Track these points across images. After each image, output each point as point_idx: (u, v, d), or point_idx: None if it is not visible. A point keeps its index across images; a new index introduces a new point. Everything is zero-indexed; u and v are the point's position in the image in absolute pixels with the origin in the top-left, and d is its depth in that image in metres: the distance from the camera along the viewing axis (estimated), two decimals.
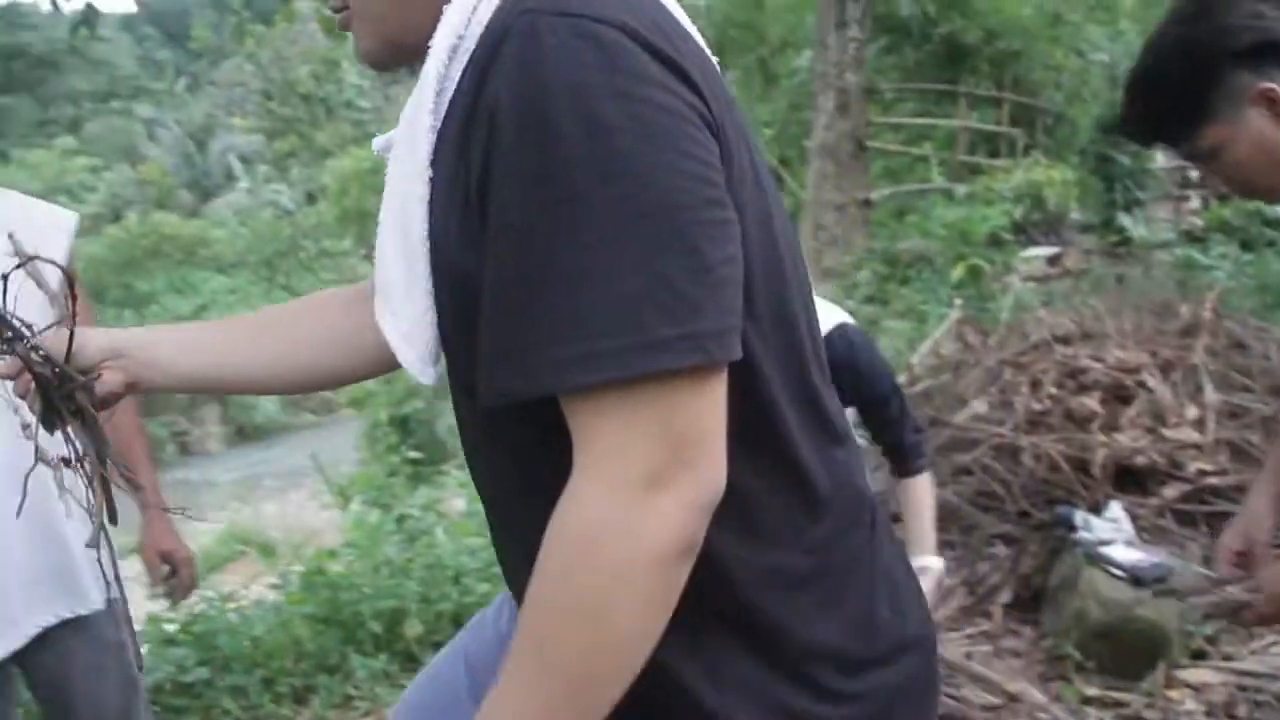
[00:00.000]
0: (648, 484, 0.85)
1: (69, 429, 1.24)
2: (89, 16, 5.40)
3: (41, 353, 1.22)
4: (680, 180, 0.85)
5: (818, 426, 1.04)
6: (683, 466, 0.86)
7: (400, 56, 1.11)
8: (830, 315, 2.59)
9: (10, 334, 1.20)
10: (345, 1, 1.11)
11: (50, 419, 1.24)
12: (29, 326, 1.23)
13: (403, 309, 1.02)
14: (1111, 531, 3.33)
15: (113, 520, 1.29)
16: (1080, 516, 3.42)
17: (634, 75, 0.85)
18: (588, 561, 0.85)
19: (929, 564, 2.50)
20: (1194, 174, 8.14)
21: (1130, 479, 3.74)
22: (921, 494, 2.57)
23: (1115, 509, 3.44)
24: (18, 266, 1.24)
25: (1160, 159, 8.99)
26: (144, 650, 3.33)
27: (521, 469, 1.01)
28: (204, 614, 3.66)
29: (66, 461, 1.26)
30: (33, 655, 2.12)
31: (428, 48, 1.00)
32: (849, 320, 2.60)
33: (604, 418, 0.86)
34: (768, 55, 14.07)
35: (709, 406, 0.88)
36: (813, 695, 1.00)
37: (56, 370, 1.22)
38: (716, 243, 0.87)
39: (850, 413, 2.73)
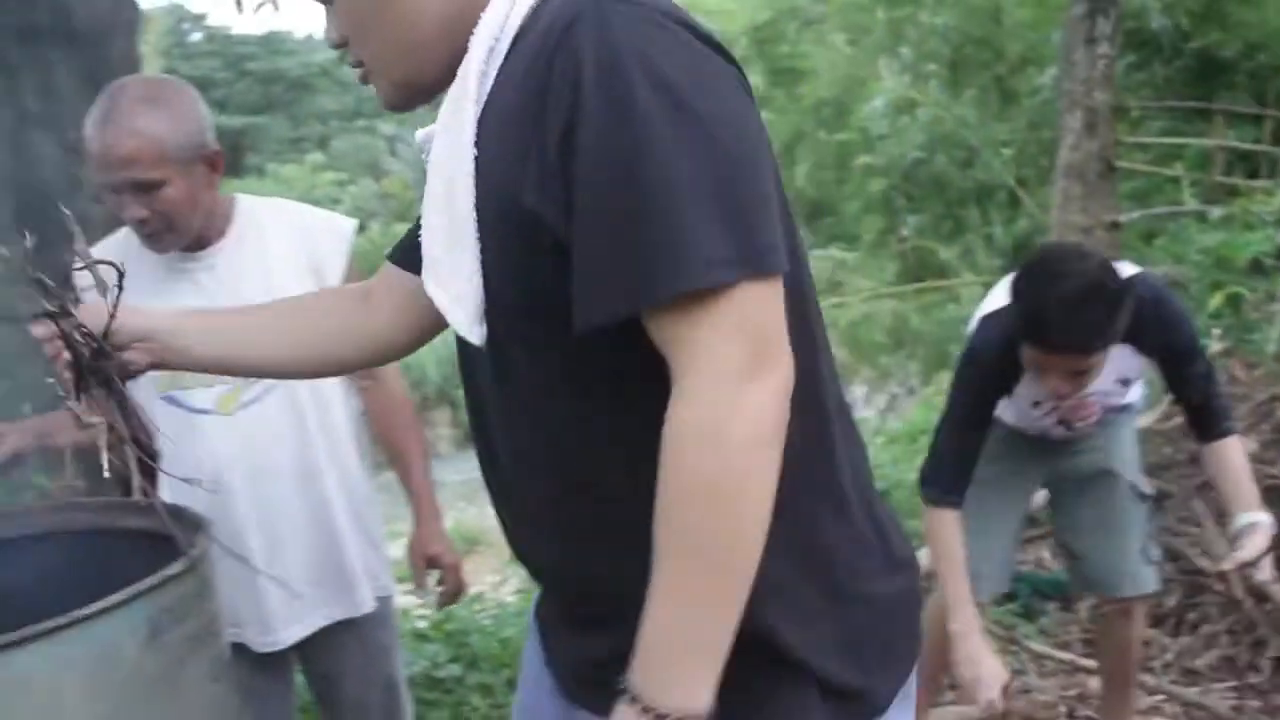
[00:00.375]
0: (743, 376, 1.00)
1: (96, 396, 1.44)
2: None
3: (83, 329, 1.40)
4: (738, 129, 1.04)
5: (835, 382, 1.25)
6: (765, 360, 1.02)
7: (416, 98, 1.29)
8: (1124, 266, 2.53)
9: (57, 309, 1.38)
10: (359, 58, 1.29)
11: (80, 388, 1.42)
12: (74, 300, 1.42)
13: (449, 277, 1.16)
14: None
15: (130, 494, 1.51)
16: None
17: (690, 50, 1.05)
18: (715, 448, 0.99)
19: (1258, 519, 2.45)
20: None
21: None
22: (1236, 455, 2.52)
23: None
24: (81, 267, 1.45)
25: None
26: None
27: (595, 414, 1.14)
28: (454, 613, 3.81)
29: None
30: (310, 648, 2.25)
31: (441, 84, 1.21)
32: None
33: (698, 324, 1.01)
34: (1006, 73, 13.64)
35: (776, 311, 1.05)
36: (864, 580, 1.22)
37: (94, 346, 1.40)
38: (765, 180, 1.05)
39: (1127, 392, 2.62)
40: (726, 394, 1.00)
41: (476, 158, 1.12)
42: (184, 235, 2.06)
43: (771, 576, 1.08)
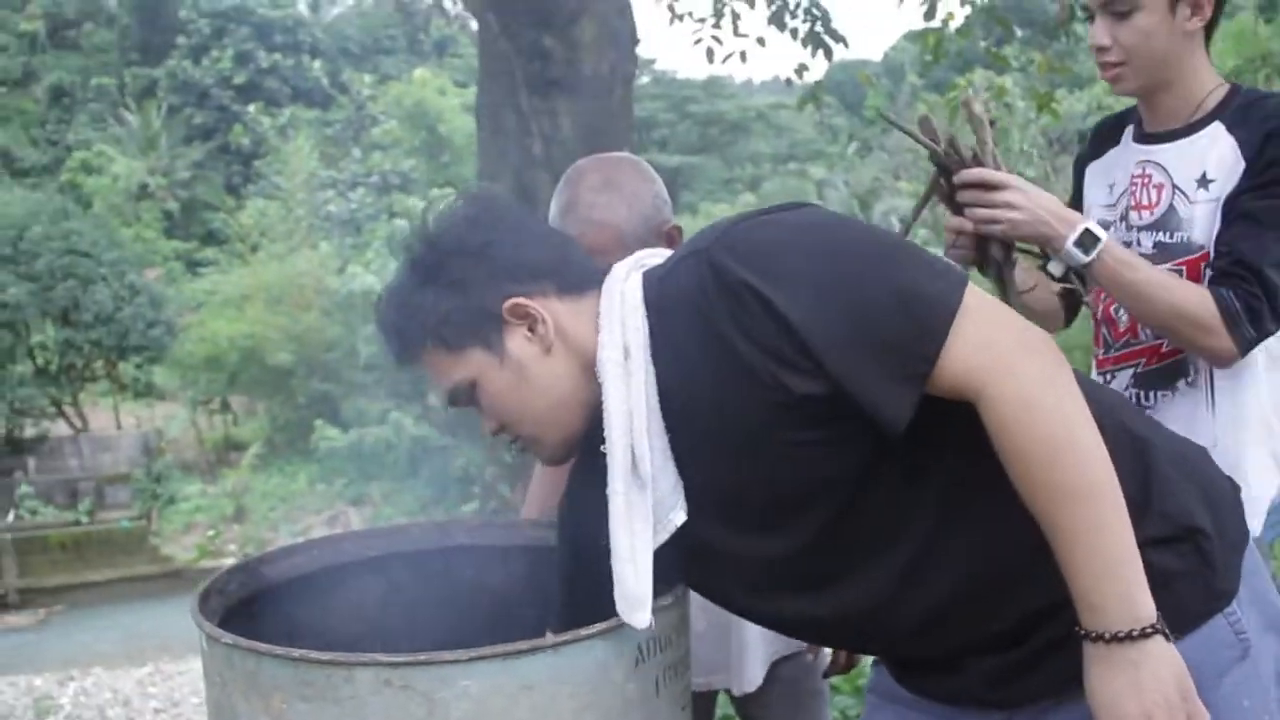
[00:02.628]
0: (1020, 351, 1.23)
1: None
2: (816, 92, 5.98)
3: None
4: (852, 226, 1.37)
5: None
6: (1024, 329, 1.26)
7: (576, 446, 1.48)
8: None
9: None
10: (517, 435, 1.49)
11: None
12: None
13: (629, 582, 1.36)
14: None
15: None
16: None
17: (778, 220, 1.33)
18: (1038, 415, 1.20)
19: None
20: None
21: None
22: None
23: None
24: None
25: None
26: None
27: (923, 494, 1.32)
28: (864, 668, 3.76)
29: None
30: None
31: (594, 421, 1.40)
32: None
33: (967, 338, 1.22)
34: None
35: (989, 295, 1.32)
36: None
37: None
38: (893, 237, 1.42)
39: None
40: (1024, 371, 1.22)
41: (714, 443, 1.32)
42: None
43: (1154, 484, 1.35)
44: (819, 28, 6.10)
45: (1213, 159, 1.96)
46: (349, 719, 1.35)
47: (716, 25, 6.37)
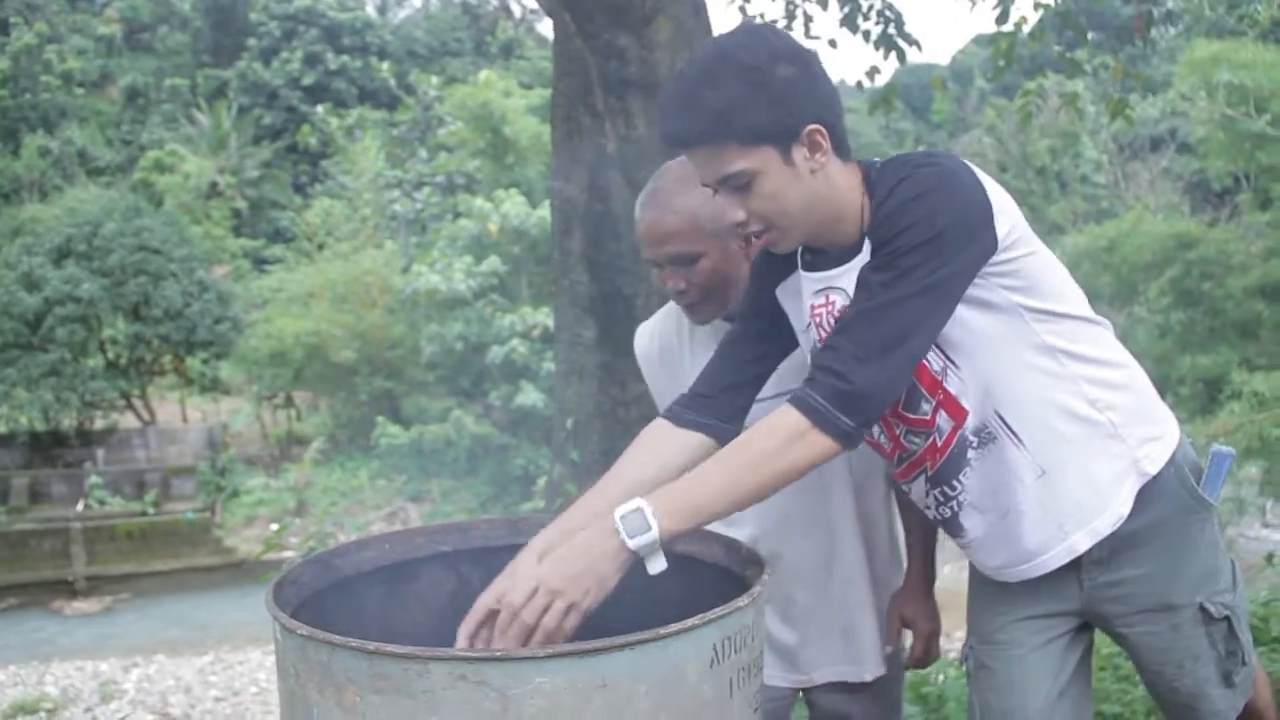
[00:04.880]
0: None
1: None
2: (888, 95, 5.92)
3: None
4: None
5: None
6: None
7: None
8: None
9: None
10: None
11: None
12: None
13: None
14: None
15: None
16: None
17: None
18: None
19: None
20: None
21: None
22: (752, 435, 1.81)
23: None
24: None
25: None
26: None
27: None
28: (926, 677, 3.74)
29: None
30: (815, 692, 2.30)
31: None
32: None
33: None
34: None
35: None
36: None
37: None
38: None
39: None
40: None
41: None
42: (721, 305, 2.16)
43: None
44: (892, 30, 6.05)
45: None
46: (422, 713, 1.35)
47: (788, 27, 6.33)
